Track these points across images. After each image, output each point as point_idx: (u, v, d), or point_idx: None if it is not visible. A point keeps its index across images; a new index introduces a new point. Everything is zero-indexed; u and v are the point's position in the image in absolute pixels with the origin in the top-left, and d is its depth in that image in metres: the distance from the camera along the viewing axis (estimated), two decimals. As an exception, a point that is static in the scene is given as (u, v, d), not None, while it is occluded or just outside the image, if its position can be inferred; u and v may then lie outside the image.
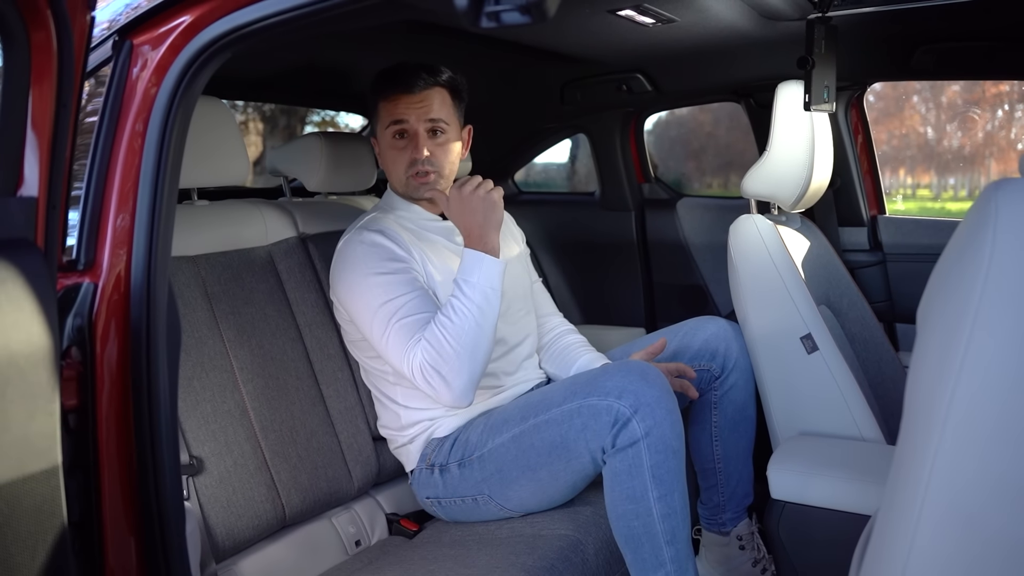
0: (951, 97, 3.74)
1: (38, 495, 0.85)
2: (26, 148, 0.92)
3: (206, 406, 1.55)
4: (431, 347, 1.53)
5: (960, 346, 0.74)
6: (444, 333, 1.53)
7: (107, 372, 1.08)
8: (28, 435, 0.84)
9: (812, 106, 1.71)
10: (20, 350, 0.83)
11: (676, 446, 1.43)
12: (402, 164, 1.72)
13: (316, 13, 1.05)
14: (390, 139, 1.72)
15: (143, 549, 1.09)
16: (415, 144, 1.71)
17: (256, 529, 1.56)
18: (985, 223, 0.76)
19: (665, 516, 1.42)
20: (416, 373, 1.55)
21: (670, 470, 1.42)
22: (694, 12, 1.70)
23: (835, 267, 2.12)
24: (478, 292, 1.54)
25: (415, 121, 1.70)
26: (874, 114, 2.41)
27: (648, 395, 1.42)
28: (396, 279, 1.62)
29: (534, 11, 0.88)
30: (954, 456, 0.73)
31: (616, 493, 1.46)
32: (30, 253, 0.88)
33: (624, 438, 1.42)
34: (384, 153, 1.76)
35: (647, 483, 1.41)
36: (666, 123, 4.10)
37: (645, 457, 1.41)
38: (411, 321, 1.58)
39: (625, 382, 1.44)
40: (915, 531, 0.74)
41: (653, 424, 1.40)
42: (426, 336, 1.55)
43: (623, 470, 1.43)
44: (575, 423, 1.47)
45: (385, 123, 1.72)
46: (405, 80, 1.70)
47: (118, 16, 1.17)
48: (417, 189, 1.73)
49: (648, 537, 1.43)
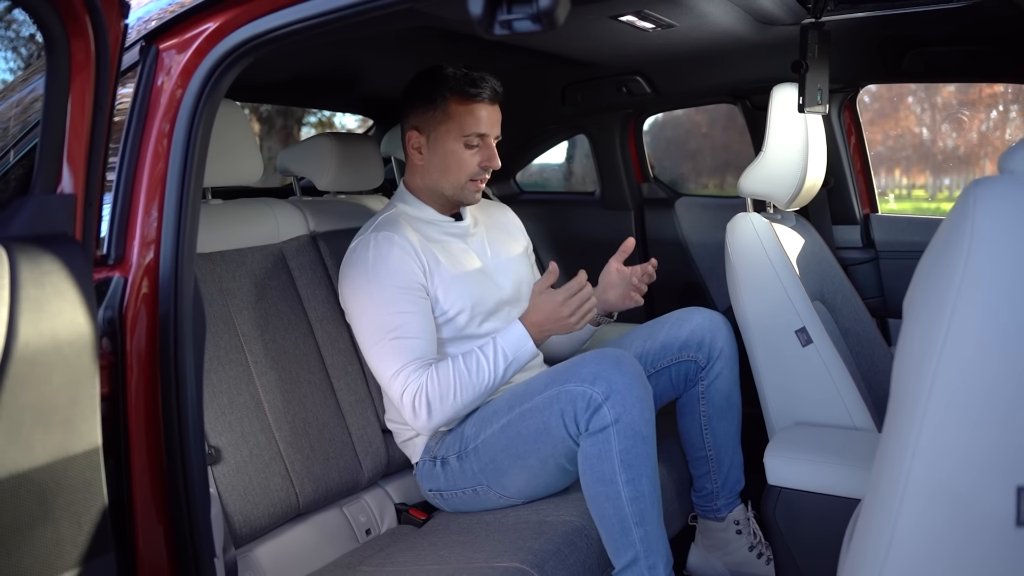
0: (946, 98, 3.77)
1: (82, 473, 0.90)
2: (65, 148, 0.98)
3: (223, 398, 1.61)
4: (437, 384, 1.62)
5: (941, 332, 0.79)
6: (456, 380, 1.62)
7: (136, 361, 1.13)
8: (72, 417, 0.90)
9: (806, 108, 1.77)
10: (65, 338, 0.89)
11: (645, 432, 1.50)
12: (470, 168, 1.78)
13: (335, 20, 1.10)
14: (462, 145, 1.76)
15: (171, 530, 1.15)
16: (490, 153, 1.78)
17: (272, 517, 1.62)
18: (964, 218, 0.81)
19: (633, 499, 1.48)
20: (405, 395, 1.63)
21: (639, 455, 1.48)
22: (693, 17, 1.76)
23: (829, 264, 2.19)
24: (504, 364, 1.63)
25: (492, 133, 1.78)
26: (869, 115, 2.47)
27: (620, 382, 1.48)
28: (399, 294, 1.68)
29: (544, 20, 0.94)
30: (936, 437, 0.77)
31: (588, 476, 1.52)
32: (71, 247, 0.94)
33: (595, 423, 1.49)
34: (449, 155, 1.78)
35: (616, 467, 1.48)
36: (662, 124, 4.13)
37: (614, 442, 1.47)
38: (407, 344, 1.65)
39: (599, 369, 1.51)
40: (898, 512, 0.78)
41: (623, 411, 1.47)
42: (438, 371, 1.63)
43: (593, 454, 1.50)
44: (555, 409, 1.54)
45: (460, 128, 1.75)
46: (486, 90, 1.75)
47: (144, 22, 1.22)
48: (472, 195, 1.82)
49: (618, 519, 1.50)
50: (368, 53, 2.09)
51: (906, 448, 0.79)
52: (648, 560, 1.50)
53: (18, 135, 1.42)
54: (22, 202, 0.93)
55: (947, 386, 0.78)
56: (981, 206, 0.81)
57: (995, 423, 0.77)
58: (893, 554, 0.79)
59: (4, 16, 6.77)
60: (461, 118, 1.75)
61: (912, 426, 0.79)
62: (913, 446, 0.78)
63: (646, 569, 1.50)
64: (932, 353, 0.79)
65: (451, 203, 1.86)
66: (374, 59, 2.14)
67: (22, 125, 1.49)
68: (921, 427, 0.79)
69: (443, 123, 1.76)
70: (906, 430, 0.80)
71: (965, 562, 0.78)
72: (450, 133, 1.76)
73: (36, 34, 4.55)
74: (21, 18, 7.46)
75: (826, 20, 1.80)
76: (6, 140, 1.47)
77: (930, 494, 0.78)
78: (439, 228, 1.84)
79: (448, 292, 1.74)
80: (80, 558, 0.90)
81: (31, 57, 7.29)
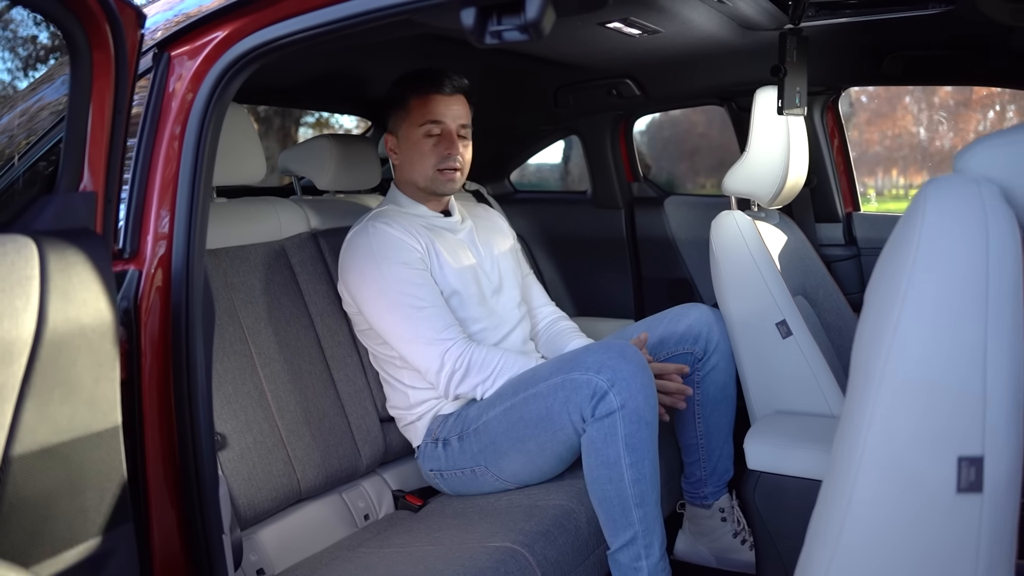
0: (943, 98, 3.81)
1: (104, 450, 0.98)
2: (87, 150, 1.06)
3: (228, 387, 1.68)
4: (483, 355, 1.74)
5: (893, 318, 0.85)
6: (496, 367, 1.74)
7: (150, 348, 1.21)
8: (95, 397, 0.97)
9: (785, 111, 1.85)
10: (89, 324, 0.96)
11: (649, 418, 1.57)
12: (433, 159, 1.86)
13: (336, 31, 1.17)
14: (421, 136, 1.86)
15: (182, 506, 1.22)
16: (449, 141, 1.86)
17: (274, 501, 1.69)
18: (916, 214, 0.89)
19: (635, 481, 1.56)
20: (448, 355, 1.73)
21: (642, 439, 1.56)
22: (678, 24, 1.83)
23: (812, 260, 2.26)
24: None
25: (450, 121, 1.85)
26: (867, 115, 2.53)
27: (625, 371, 1.56)
28: (408, 270, 1.76)
29: (531, 30, 1.02)
30: (888, 415, 0.83)
31: (592, 459, 1.59)
32: (93, 241, 1.01)
33: (602, 409, 1.56)
34: (412, 148, 1.88)
35: (620, 451, 1.55)
36: (659, 124, 4.16)
37: (620, 427, 1.55)
38: (434, 312, 1.75)
39: (604, 358, 1.58)
40: (853, 486, 0.83)
41: (628, 397, 1.54)
42: (486, 348, 1.75)
43: (599, 438, 1.57)
44: (559, 396, 1.61)
45: (418, 120, 1.86)
46: (439, 81, 1.84)
47: (157, 30, 1.30)
48: (443, 185, 1.88)
49: (619, 500, 1.57)
50: (367, 58, 2.16)
51: (861, 426, 0.85)
52: (645, 539, 1.58)
53: (33, 138, 1.49)
54: (48, 199, 1.01)
55: (898, 368, 0.84)
56: (930, 203, 0.88)
57: (941, 401, 0.83)
58: (848, 526, 0.85)
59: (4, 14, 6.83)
60: (419, 109, 1.85)
61: (866, 406, 0.85)
62: (867, 424, 0.84)
63: (643, 548, 1.58)
64: (885, 338, 0.85)
65: (433, 197, 1.94)
66: (373, 63, 2.21)
67: (28, 131, 1.57)
68: (875, 406, 0.84)
69: (406, 119, 1.88)
70: (861, 410, 0.86)
71: (914, 531, 0.84)
72: (412, 126, 1.87)
73: (36, 36, 4.51)
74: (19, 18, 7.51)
75: (805, 26, 1.88)
76: (13, 145, 1.55)
77: (882, 469, 0.84)
78: (429, 222, 1.92)
79: (443, 274, 1.83)
80: (103, 527, 0.98)
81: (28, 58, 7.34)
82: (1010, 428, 0.81)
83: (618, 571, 1.60)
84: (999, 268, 0.84)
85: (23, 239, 0.92)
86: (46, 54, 6.97)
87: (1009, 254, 0.85)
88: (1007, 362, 0.82)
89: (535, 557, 1.52)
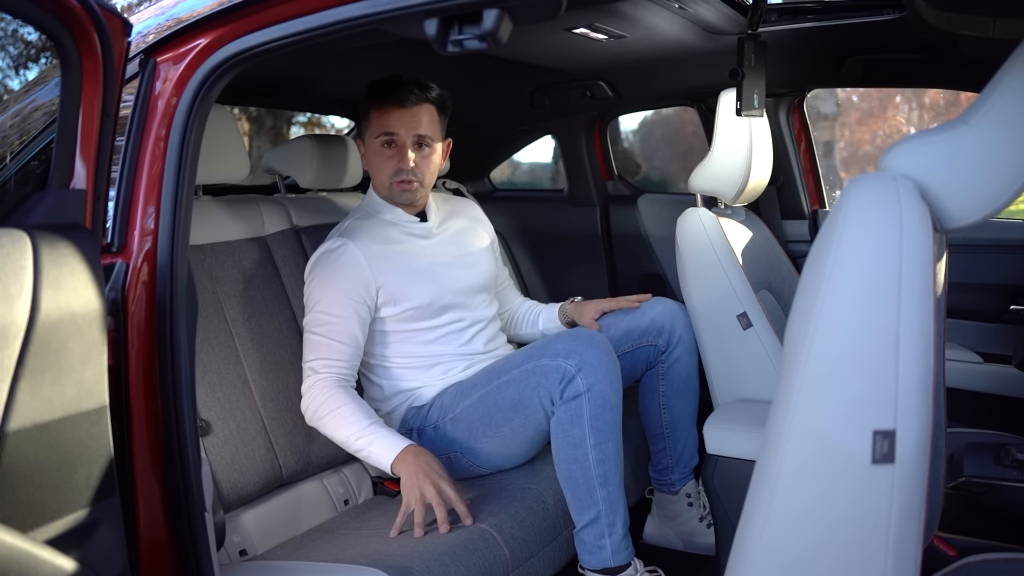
0: (933, 98, 3.88)
1: (92, 428, 1.06)
2: (77, 150, 1.13)
3: (212, 376, 1.76)
4: (324, 402, 1.78)
5: (817, 303, 0.94)
6: (336, 415, 1.75)
7: (136, 336, 1.28)
8: (84, 379, 1.05)
9: (743, 112, 1.93)
10: (78, 311, 1.04)
11: (614, 401, 1.66)
12: (388, 171, 1.89)
13: (310, 39, 1.25)
14: (378, 147, 1.89)
15: (166, 484, 1.30)
16: (402, 155, 1.87)
17: (257, 485, 1.77)
18: (839, 210, 0.97)
19: (599, 461, 1.64)
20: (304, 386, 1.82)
21: (606, 422, 1.64)
22: (641, 29, 1.91)
23: (777, 256, 2.36)
24: (362, 447, 1.73)
25: (404, 134, 1.86)
26: (858, 114, 2.59)
27: (591, 356, 1.64)
28: (335, 298, 1.82)
29: (489, 39, 1.10)
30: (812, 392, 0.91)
31: (559, 440, 1.68)
32: (83, 235, 1.09)
33: (569, 392, 1.64)
34: (371, 158, 1.92)
35: (585, 431, 1.64)
36: (652, 123, 4.18)
37: (585, 409, 1.63)
38: (323, 343, 1.81)
39: (573, 344, 1.67)
40: (782, 459, 0.91)
41: (595, 381, 1.63)
42: (334, 394, 1.77)
43: (566, 419, 1.66)
44: (530, 381, 1.69)
45: (375, 132, 1.88)
46: (399, 94, 1.85)
47: (144, 36, 1.38)
48: (400, 195, 1.92)
49: (584, 479, 1.65)
50: (346, 62, 2.23)
51: (789, 402, 0.93)
52: (608, 518, 1.66)
53: (27, 139, 1.57)
54: (41, 196, 1.09)
55: (820, 346, 0.92)
56: (852, 197, 0.97)
57: (857, 378, 0.91)
58: (777, 496, 0.92)
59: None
60: (376, 120, 1.88)
61: (794, 383, 0.93)
62: (795, 400, 0.92)
63: (606, 527, 1.66)
64: (811, 319, 0.94)
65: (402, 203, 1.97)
66: (353, 68, 2.28)
67: (21, 132, 1.65)
68: (801, 384, 0.92)
69: (367, 128, 1.91)
70: (790, 386, 0.94)
71: (834, 499, 0.91)
72: (370, 137, 1.90)
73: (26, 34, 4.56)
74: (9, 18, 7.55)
75: (762, 32, 1.96)
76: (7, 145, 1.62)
77: (808, 441, 0.92)
78: (402, 228, 1.95)
79: (407, 288, 1.87)
80: (90, 499, 1.06)
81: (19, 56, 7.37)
82: (920, 404, 0.89)
83: (583, 549, 1.69)
84: (911, 257, 0.92)
85: (17, 232, 1.00)
86: (36, 53, 7.01)
87: (921, 245, 0.93)
88: (918, 343, 0.89)
89: (503, 536, 1.61)
